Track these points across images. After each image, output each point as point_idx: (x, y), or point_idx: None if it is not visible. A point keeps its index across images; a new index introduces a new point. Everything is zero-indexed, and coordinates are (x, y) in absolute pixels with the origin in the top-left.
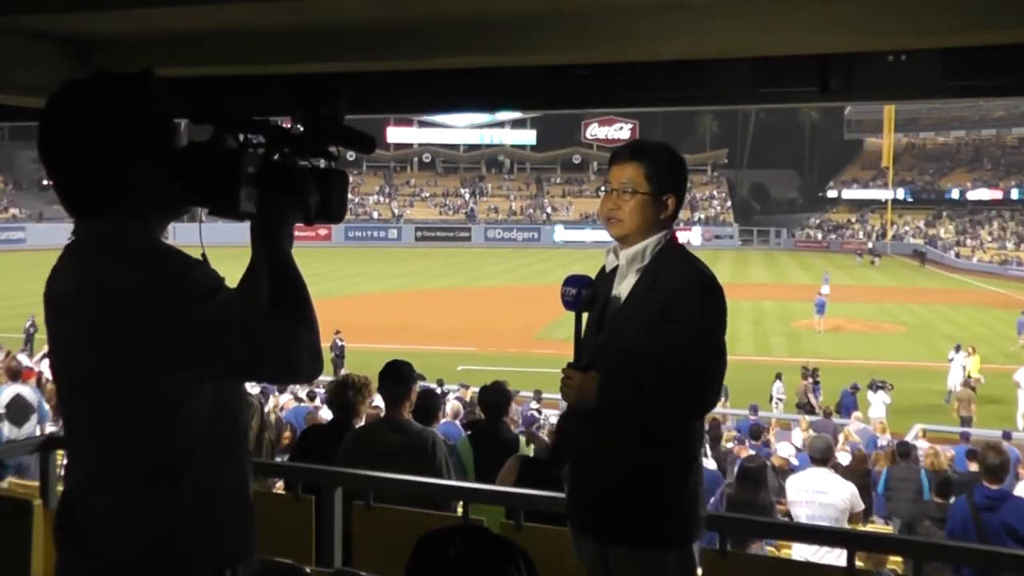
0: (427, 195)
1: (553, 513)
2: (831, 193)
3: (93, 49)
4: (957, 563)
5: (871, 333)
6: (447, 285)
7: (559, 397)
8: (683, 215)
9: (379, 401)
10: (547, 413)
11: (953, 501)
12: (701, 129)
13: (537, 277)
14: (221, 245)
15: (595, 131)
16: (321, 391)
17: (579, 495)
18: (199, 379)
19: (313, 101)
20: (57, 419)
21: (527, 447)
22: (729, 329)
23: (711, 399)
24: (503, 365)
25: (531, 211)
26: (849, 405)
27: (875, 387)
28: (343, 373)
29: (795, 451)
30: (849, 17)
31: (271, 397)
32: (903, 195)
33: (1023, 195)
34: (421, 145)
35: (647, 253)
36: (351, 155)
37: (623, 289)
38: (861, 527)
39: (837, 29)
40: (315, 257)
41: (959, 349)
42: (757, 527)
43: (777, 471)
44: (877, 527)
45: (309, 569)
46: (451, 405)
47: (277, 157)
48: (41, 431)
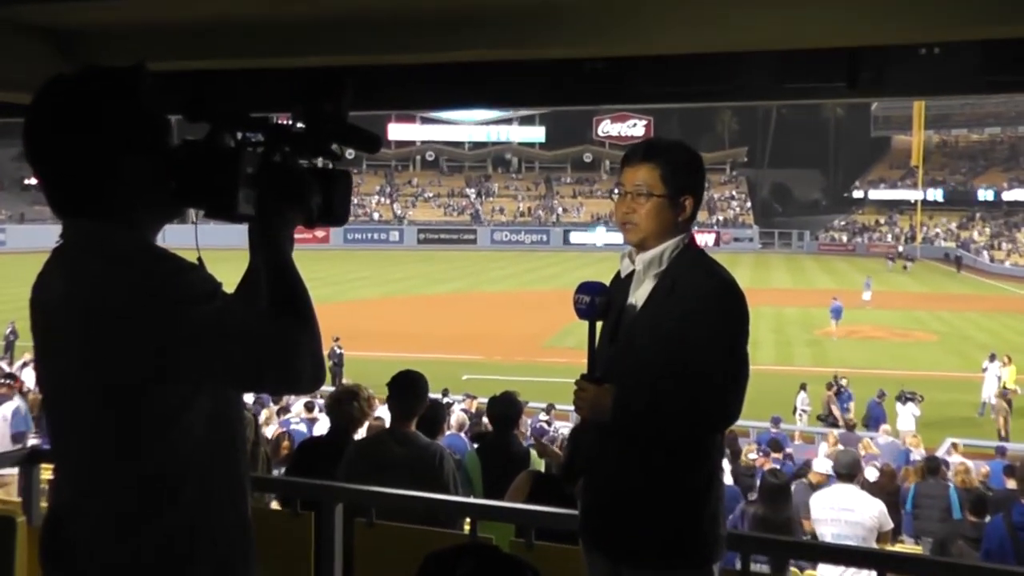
0: (430, 195)
1: (566, 531)
2: (857, 193)
3: (81, 42)
4: None
5: (900, 342)
6: (451, 290)
7: (571, 409)
8: (700, 217)
9: (380, 411)
10: (557, 425)
11: (989, 520)
12: (719, 126)
13: (546, 282)
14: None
15: (607, 128)
16: (321, 401)
17: (593, 512)
18: (195, 389)
19: (315, 97)
20: (39, 431)
21: (539, 461)
22: (750, 337)
23: (732, 411)
24: (510, 374)
25: (540, 212)
26: (878, 416)
27: (904, 399)
28: (344, 382)
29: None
30: (880, 7)
31: (264, 409)
32: (934, 196)
33: None
34: (424, 143)
35: (664, 258)
36: (350, 153)
37: (639, 296)
38: (890, 547)
39: (867, 20)
40: (313, 260)
41: (994, 359)
42: (780, 547)
43: (815, 488)
44: (906, 547)
45: None
46: (456, 416)
47: (277, 156)
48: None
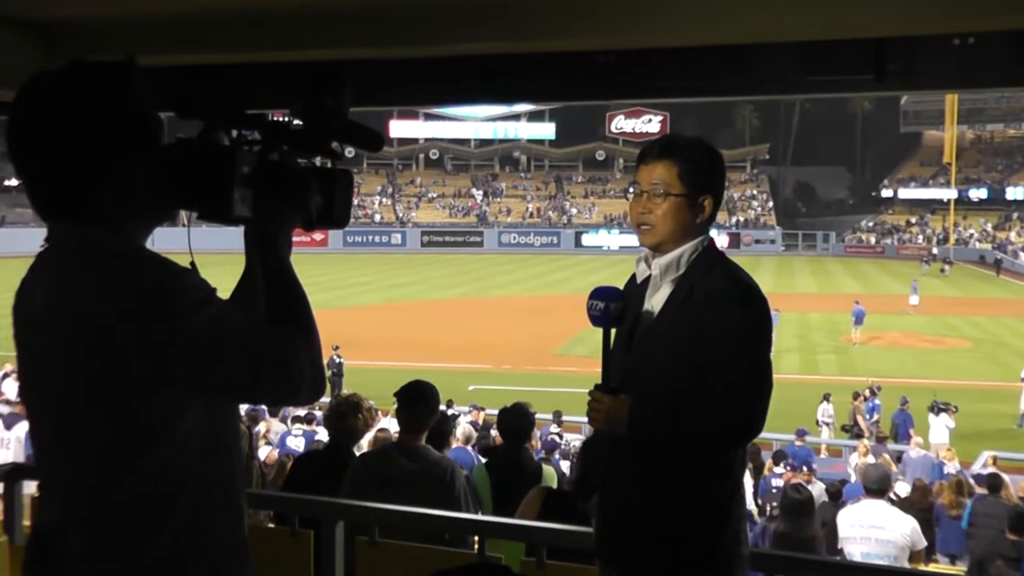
0: (434, 196)
1: (579, 550)
2: (886, 192)
3: (66, 35)
4: None
5: (932, 349)
6: (457, 295)
7: (583, 420)
8: (720, 218)
9: (385, 423)
10: (569, 438)
11: None
12: (740, 122)
13: (556, 286)
14: (211, 252)
15: (621, 124)
16: (320, 413)
17: (608, 529)
18: (188, 401)
19: (314, 92)
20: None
21: (552, 476)
22: (772, 345)
23: (755, 424)
24: (519, 384)
25: (550, 213)
26: (903, 427)
27: (937, 409)
28: (345, 393)
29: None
30: None
31: (262, 422)
32: (967, 194)
33: None
34: (428, 140)
35: (683, 261)
36: (350, 152)
37: (656, 302)
38: (923, 567)
39: (895, 9)
40: (310, 265)
41: None
42: (805, 565)
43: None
44: (940, 567)
45: None
46: (462, 429)
47: (274, 155)
48: None
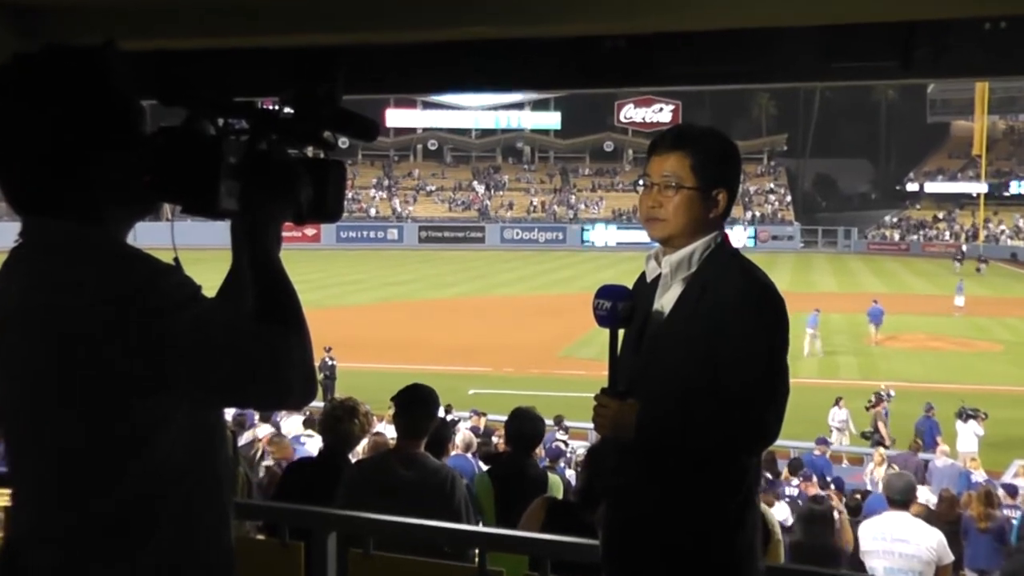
0: (433, 189)
1: (585, 563)
2: (911, 186)
3: (41, 18)
4: None
5: (961, 352)
6: (456, 294)
7: (589, 426)
8: (735, 213)
9: (380, 428)
10: (575, 445)
11: None
12: (756, 111)
13: (562, 285)
14: (196, 248)
15: (630, 113)
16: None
17: (615, 541)
18: (172, 406)
19: (305, 79)
20: None
21: (558, 486)
22: (790, 347)
23: (770, 430)
24: (522, 388)
25: (555, 207)
26: (932, 429)
27: (965, 416)
28: (340, 397)
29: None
30: None
31: (253, 428)
32: (998, 188)
33: None
34: (426, 130)
35: (694, 259)
36: (344, 142)
37: (666, 302)
38: None
39: None
40: (301, 261)
41: None
42: None
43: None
44: None
45: None
46: (462, 435)
47: (263, 145)
48: None
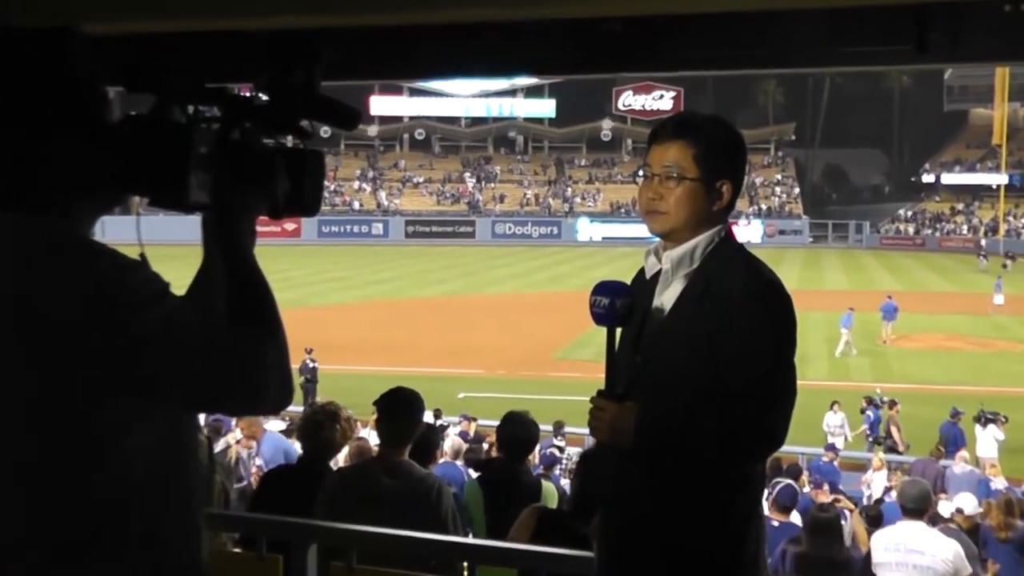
0: (420, 181)
1: None
2: (927, 178)
3: (2, 3)
4: None
5: (979, 352)
6: (445, 292)
7: (585, 431)
8: (740, 205)
9: (364, 434)
10: (571, 451)
11: None
12: (762, 98)
13: (556, 282)
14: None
15: (629, 100)
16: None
17: (612, 553)
18: (139, 410)
19: (281, 64)
20: None
21: (552, 495)
22: (798, 348)
23: (776, 435)
24: (515, 392)
25: (549, 200)
26: (957, 438)
27: (984, 420)
28: (320, 401)
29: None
30: None
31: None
32: (1020, 180)
33: None
34: (413, 119)
35: (697, 254)
36: (326, 131)
37: (667, 299)
38: None
39: None
40: (281, 257)
41: None
42: None
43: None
44: None
45: None
46: (451, 442)
47: (236, 134)
48: None
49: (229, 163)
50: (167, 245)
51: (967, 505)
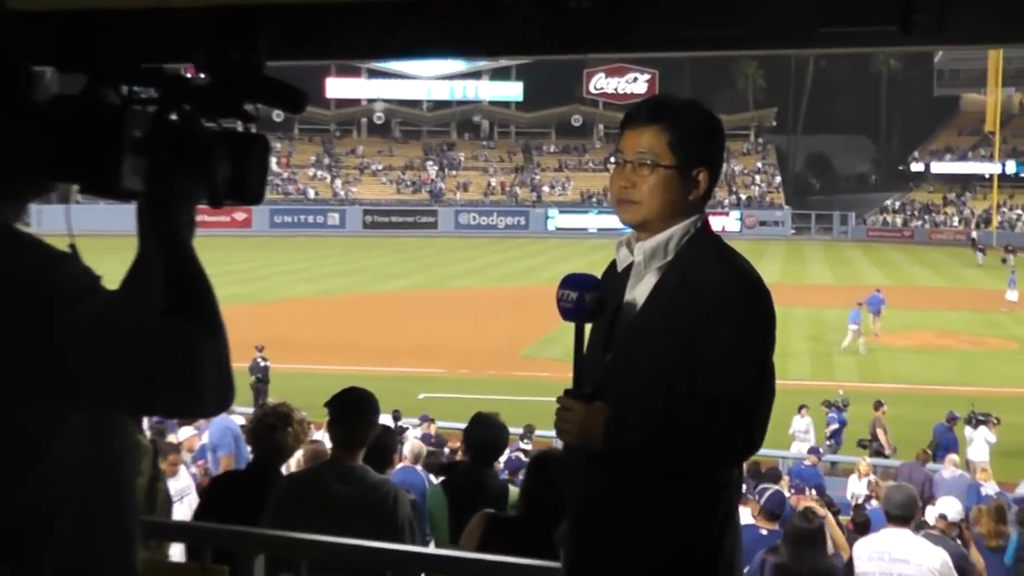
0: (379, 168)
1: None
2: (916, 166)
3: None
4: None
5: (971, 351)
6: (405, 287)
7: (552, 435)
8: (717, 195)
9: (319, 436)
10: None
11: None
12: (742, 82)
13: (523, 276)
14: (96, 234)
15: (601, 83)
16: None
17: (580, 563)
18: (68, 411)
19: (223, 42)
20: None
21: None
22: (777, 345)
23: (754, 438)
24: (479, 392)
25: (516, 189)
26: (949, 445)
27: (975, 421)
28: (272, 402)
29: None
30: None
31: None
32: (1014, 169)
33: None
34: (371, 101)
35: (671, 246)
36: (279, 115)
37: (639, 293)
38: None
39: None
40: (230, 249)
41: None
42: None
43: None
44: None
45: None
46: (410, 445)
47: (174, 117)
48: None
49: (166, 147)
50: (105, 236)
51: (950, 510)
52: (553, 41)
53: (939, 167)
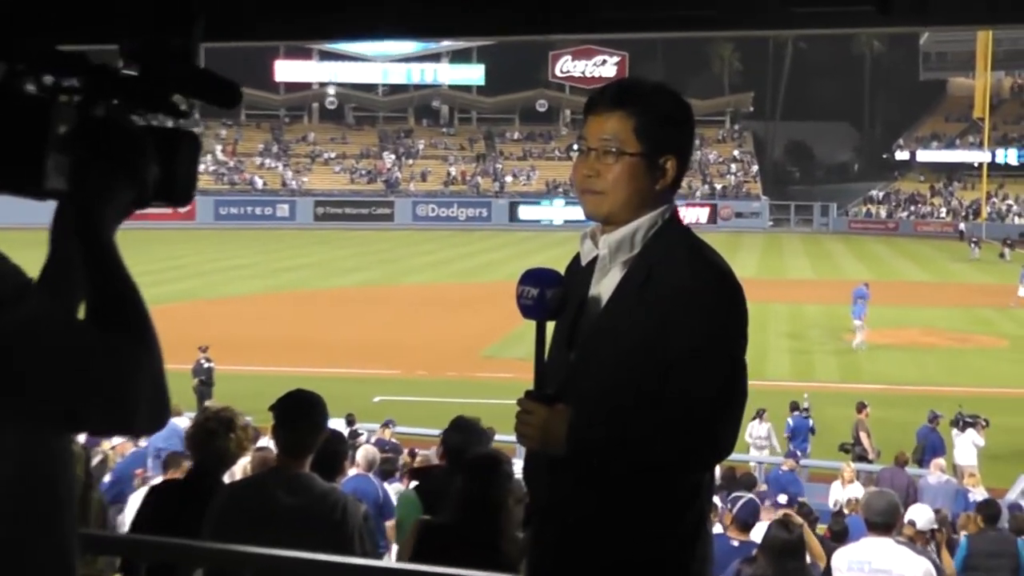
0: (332, 156)
1: None
2: (901, 154)
3: None
4: None
5: (958, 348)
6: (359, 282)
7: (514, 439)
8: (688, 184)
9: (264, 443)
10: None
11: None
12: (717, 65)
13: (485, 271)
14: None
15: (567, 67)
16: None
17: (545, 569)
18: (5, 420)
19: (153, 27)
20: None
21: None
22: (753, 343)
23: (725, 441)
24: (437, 394)
25: (478, 179)
26: (935, 446)
27: (962, 424)
28: (214, 406)
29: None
30: None
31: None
32: (1004, 157)
33: None
34: (323, 85)
35: (638, 238)
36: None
37: (604, 288)
38: None
39: None
40: (172, 243)
41: None
42: None
43: None
44: None
45: None
46: (364, 451)
47: (100, 110)
48: None
49: (92, 144)
50: (24, 230)
51: (920, 518)
52: (515, 21)
53: (925, 155)
